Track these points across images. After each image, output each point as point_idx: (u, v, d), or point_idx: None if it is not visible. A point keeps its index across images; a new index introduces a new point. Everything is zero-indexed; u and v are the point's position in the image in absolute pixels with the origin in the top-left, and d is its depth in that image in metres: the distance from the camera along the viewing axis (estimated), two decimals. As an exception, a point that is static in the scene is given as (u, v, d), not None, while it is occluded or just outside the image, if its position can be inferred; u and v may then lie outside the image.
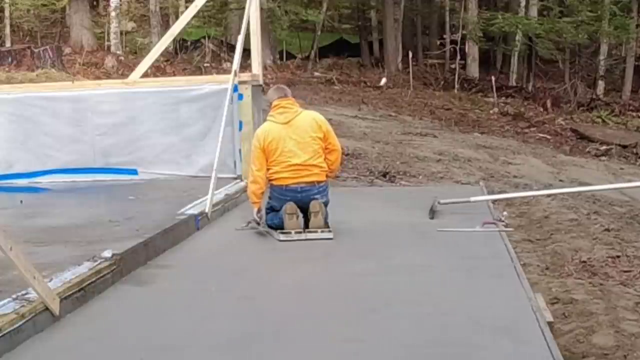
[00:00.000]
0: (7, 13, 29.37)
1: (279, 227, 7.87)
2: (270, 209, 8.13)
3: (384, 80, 29.06)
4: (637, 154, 17.58)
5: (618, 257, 7.21)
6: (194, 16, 12.89)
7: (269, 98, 8.32)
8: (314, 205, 7.81)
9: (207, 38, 30.58)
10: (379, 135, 17.50)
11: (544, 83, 32.35)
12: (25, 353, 4.59)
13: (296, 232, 7.75)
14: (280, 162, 7.97)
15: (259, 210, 8.23)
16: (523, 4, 32.55)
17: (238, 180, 10.90)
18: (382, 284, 6.16)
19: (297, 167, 7.94)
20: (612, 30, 30.18)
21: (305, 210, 7.88)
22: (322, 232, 7.78)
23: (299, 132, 7.99)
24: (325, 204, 7.98)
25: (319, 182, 8.01)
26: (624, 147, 18.33)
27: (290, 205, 7.79)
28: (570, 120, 25.84)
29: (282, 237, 7.74)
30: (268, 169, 8.06)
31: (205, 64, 28.33)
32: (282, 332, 4.94)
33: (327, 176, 8.14)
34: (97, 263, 6.00)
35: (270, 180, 8.12)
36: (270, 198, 8.20)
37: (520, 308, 5.31)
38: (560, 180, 11.66)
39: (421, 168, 13.87)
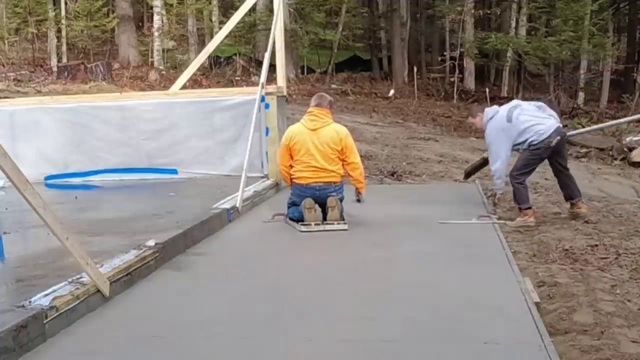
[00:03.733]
0: (63, 33, 29.43)
1: (300, 219, 7.90)
2: (292, 204, 8.19)
3: (392, 92, 28.94)
4: (612, 156, 17.43)
5: (596, 245, 7.14)
6: (227, 36, 12.89)
7: (311, 102, 8.38)
8: (331, 201, 7.86)
9: (238, 55, 30.51)
10: (387, 139, 17.43)
11: (531, 94, 32.11)
12: (79, 329, 4.61)
13: (315, 224, 7.77)
14: (303, 162, 8.05)
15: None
16: (513, 25, 32.38)
17: (265, 179, 10.92)
18: (391, 269, 6.15)
19: (317, 169, 8.01)
20: (591, 48, 30.04)
21: (322, 205, 7.91)
22: (338, 224, 7.81)
23: (321, 141, 8.03)
24: (341, 199, 8.03)
25: (335, 182, 8.07)
26: (601, 150, 18.17)
27: (308, 201, 7.83)
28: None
29: (303, 228, 7.76)
30: (292, 166, 8.13)
31: (237, 78, 28.29)
32: (302, 311, 4.94)
33: (342, 177, 8.17)
34: (142, 251, 6.02)
35: (292, 178, 8.17)
36: (291, 194, 8.24)
37: (511, 290, 5.30)
38: (546, 179, 11.58)
39: (424, 168, 13.80)
